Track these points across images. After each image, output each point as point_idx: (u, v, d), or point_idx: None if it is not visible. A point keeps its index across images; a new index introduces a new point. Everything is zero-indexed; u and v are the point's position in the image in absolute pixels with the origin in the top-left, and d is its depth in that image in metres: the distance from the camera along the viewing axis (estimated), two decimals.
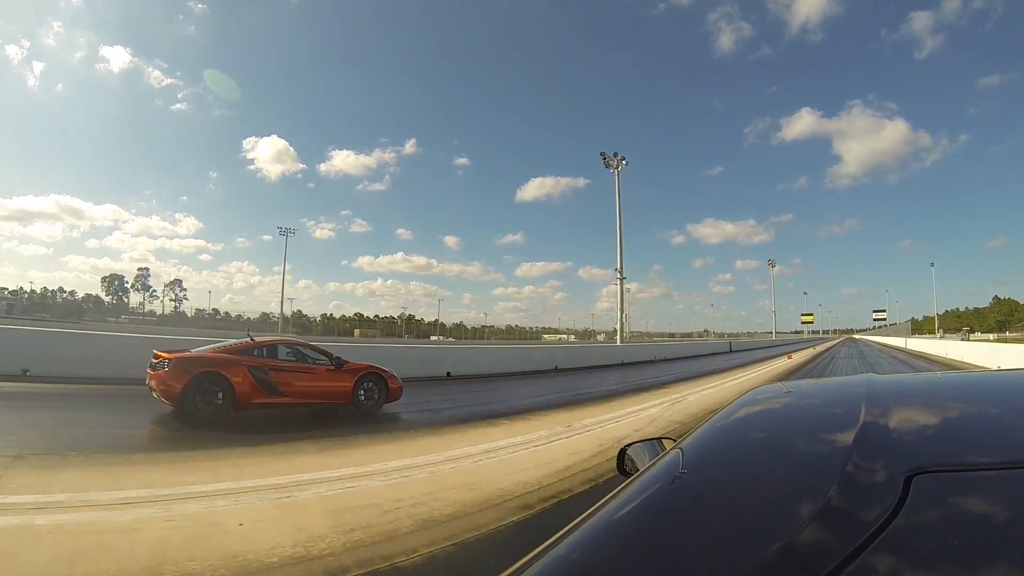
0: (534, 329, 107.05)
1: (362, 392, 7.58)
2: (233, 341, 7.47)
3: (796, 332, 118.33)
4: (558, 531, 0.64)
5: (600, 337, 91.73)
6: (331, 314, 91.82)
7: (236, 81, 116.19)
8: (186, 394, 6.32)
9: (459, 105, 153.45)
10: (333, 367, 7.50)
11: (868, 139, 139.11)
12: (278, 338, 8.40)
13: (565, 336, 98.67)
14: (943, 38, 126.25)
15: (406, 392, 8.27)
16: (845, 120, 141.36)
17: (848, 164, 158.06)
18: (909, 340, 43.46)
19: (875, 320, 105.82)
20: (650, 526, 0.61)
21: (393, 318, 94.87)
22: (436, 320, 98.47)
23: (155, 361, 6.64)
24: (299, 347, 7.72)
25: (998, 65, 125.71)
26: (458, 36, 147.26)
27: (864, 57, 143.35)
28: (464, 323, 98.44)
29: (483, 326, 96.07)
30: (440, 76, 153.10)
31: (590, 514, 0.66)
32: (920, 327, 65.09)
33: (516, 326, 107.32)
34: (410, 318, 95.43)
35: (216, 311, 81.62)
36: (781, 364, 21.61)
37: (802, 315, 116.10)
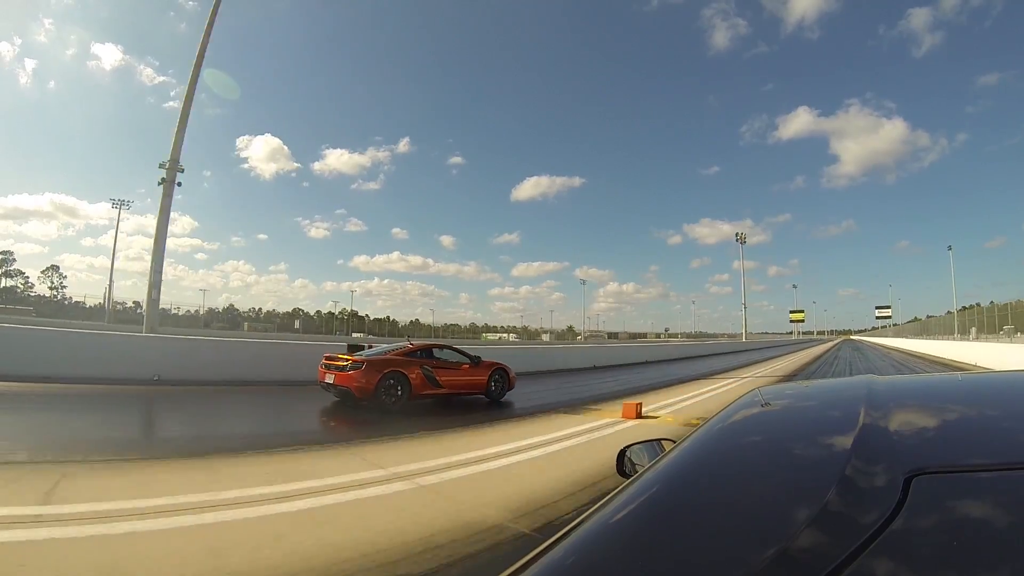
0: (475, 327, 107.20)
1: (493, 383, 9.36)
2: (396, 346, 8.95)
3: (787, 333, 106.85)
4: (556, 533, 0.64)
5: (545, 337, 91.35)
6: (260, 308, 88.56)
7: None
8: (378, 389, 7.81)
9: (453, 103, 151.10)
10: (472, 364, 9.19)
11: (866, 138, 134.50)
12: (431, 342, 9.89)
13: (506, 335, 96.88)
14: (942, 35, 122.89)
15: None
16: (842, 119, 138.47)
17: (846, 164, 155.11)
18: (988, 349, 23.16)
19: (878, 318, 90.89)
20: (648, 529, 0.61)
21: (333, 314, 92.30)
22: (388, 317, 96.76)
23: (340, 364, 8.02)
24: (447, 349, 9.30)
25: (997, 63, 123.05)
26: (450, 33, 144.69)
27: (862, 55, 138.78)
28: (419, 320, 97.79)
29: (446, 324, 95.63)
30: (433, 74, 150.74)
31: (589, 516, 0.67)
32: (928, 327, 49.95)
33: (472, 324, 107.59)
34: (353, 314, 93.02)
35: (118, 303, 73.69)
36: None
37: (791, 312, 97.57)
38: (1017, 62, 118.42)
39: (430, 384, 8.46)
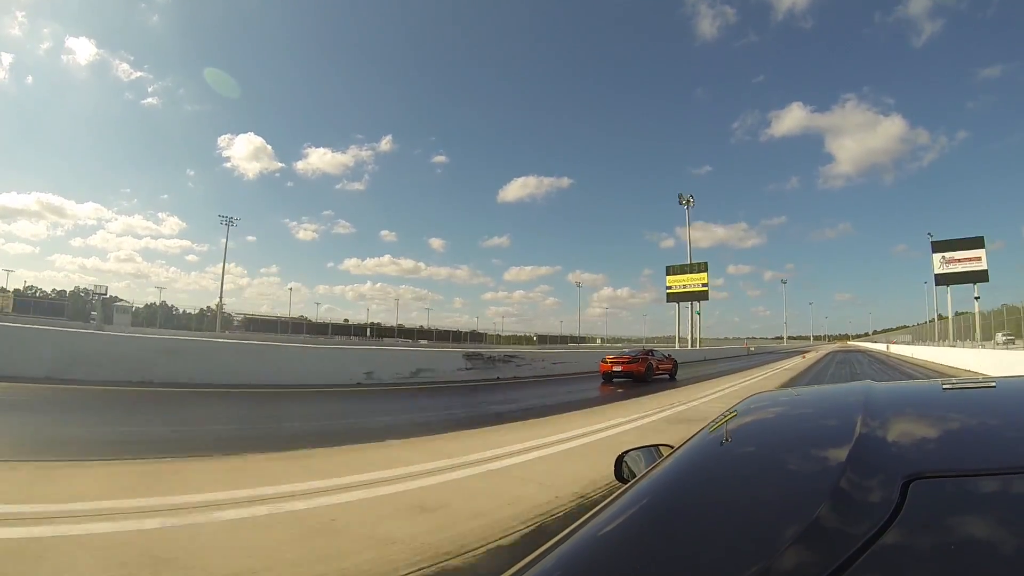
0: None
1: (674, 368, 17.61)
2: (638, 348, 16.85)
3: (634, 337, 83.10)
4: (551, 538, 0.66)
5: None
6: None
7: (205, 74, 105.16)
8: (646, 371, 15.66)
9: (434, 99, 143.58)
10: (666, 358, 17.34)
11: (863, 136, 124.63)
12: (651, 347, 17.79)
13: None
14: (942, 23, 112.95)
15: None
16: (838, 115, 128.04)
17: (841, 163, 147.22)
18: None
19: (941, 277, 43.57)
20: (642, 536, 0.62)
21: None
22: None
23: (623, 359, 15.70)
24: (653, 351, 17.29)
25: (1000, 54, 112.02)
26: (427, 27, 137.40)
27: (857, 45, 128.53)
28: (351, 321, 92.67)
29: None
30: (412, 69, 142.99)
31: (585, 521, 0.68)
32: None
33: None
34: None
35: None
36: None
37: (667, 274, 53.30)
38: (1021, 53, 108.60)
39: (656, 370, 16.44)
